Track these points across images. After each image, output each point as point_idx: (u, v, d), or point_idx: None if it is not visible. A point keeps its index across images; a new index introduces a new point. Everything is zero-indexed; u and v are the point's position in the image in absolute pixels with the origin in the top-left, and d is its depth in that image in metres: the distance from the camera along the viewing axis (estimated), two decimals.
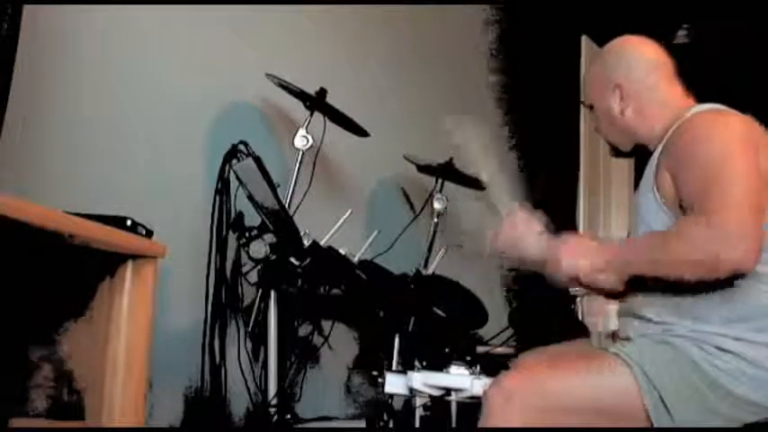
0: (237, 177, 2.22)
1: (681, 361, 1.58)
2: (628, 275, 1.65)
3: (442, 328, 2.61)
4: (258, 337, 2.43)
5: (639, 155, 1.85)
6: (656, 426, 1.55)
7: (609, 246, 1.70)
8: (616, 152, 1.93)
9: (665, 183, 1.66)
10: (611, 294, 2.00)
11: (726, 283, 1.57)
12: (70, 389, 1.66)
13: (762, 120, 1.70)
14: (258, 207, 2.19)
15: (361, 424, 2.55)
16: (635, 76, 1.81)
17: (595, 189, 4.99)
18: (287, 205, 2.37)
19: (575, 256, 1.67)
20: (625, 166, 5.17)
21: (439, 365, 1.90)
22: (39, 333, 1.65)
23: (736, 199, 1.50)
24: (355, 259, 2.42)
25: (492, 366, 1.86)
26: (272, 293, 2.31)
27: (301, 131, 2.42)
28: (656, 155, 1.72)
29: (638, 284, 1.69)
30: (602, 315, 2.22)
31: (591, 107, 1.90)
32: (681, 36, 4.32)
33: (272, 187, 2.17)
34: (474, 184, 3.07)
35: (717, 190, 1.52)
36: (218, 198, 2.35)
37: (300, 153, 2.43)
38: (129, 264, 1.68)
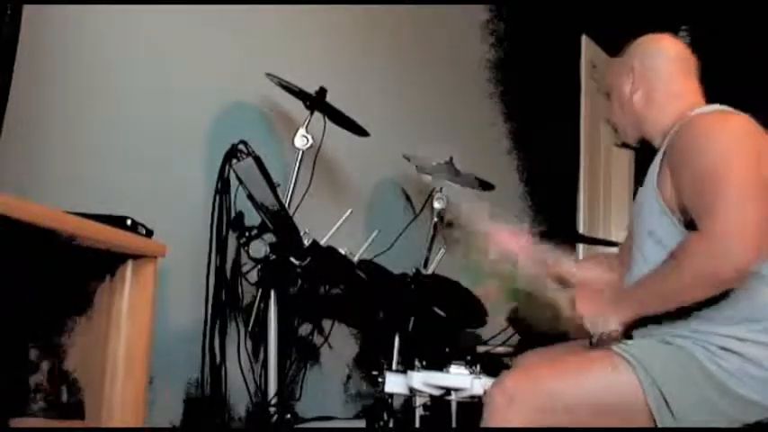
0: (237, 177, 2.22)
1: (684, 361, 1.58)
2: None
3: (441, 328, 2.61)
4: (258, 337, 2.43)
5: (641, 152, 1.86)
6: (657, 423, 1.56)
7: (624, 298, 1.69)
8: (622, 142, 1.94)
9: (666, 183, 1.67)
10: None
11: None
12: (70, 389, 1.66)
13: (762, 120, 1.70)
14: (258, 207, 2.19)
15: (361, 424, 2.55)
16: (651, 63, 1.82)
17: (595, 189, 4.99)
18: (287, 205, 2.37)
19: (597, 313, 1.68)
20: (625, 165, 5.17)
21: (439, 365, 1.90)
22: (39, 333, 1.65)
23: (733, 207, 1.51)
24: (355, 259, 2.42)
25: (492, 366, 1.86)
26: (272, 293, 2.31)
27: (301, 131, 2.42)
28: (659, 154, 1.73)
29: None
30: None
31: (608, 94, 1.92)
32: (681, 36, 4.33)
33: (272, 187, 2.17)
34: (474, 184, 3.07)
35: (712, 201, 1.53)
36: (218, 198, 2.35)
37: (300, 153, 2.43)
38: (129, 264, 1.68)
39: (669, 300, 1.60)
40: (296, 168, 2.44)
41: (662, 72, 1.81)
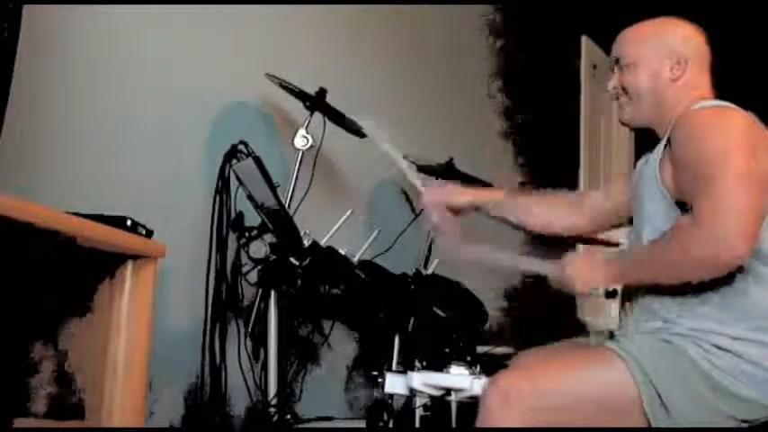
0: (237, 177, 2.22)
1: (679, 359, 1.59)
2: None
3: (441, 328, 2.61)
4: (258, 337, 2.43)
5: (642, 152, 1.85)
6: (651, 420, 1.56)
7: (614, 262, 1.71)
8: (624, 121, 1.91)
9: (667, 172, 1.68)
10: (610, 294, 2.01)
11: (726, 282, 1.58)
12: (70, 389, 1.66)
13: (762, 120, 1.70)
14: (258, 207, 2.19)
15: (361, 424, 2.54)
16: (687, 52, 1.78)
17: (595, 189, 4.98)
18: (287, 205, 2.37)
19: (588, 276, 1.69)
20: (625, 165, 5.17)
21: (439, 365, 1.90)
22: (39, 333, 1.65)
23: (729, 193, 1.51)
24: (355, 259, 2.42)
25: (492, 366, 1.86)
26: (272, 293, 2.31)
27: (301, 131, 2.42)
28: (661, 143, 1.73)
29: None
30: (601, 314, 2.23)
31: (618, 63, 1.84)
32: None
33: (272, 187, 2.17)
34: (474, 184, 3.07)
35: (708, 189, 1.53)
36: (218, 198, 2.35)
37: (300, 153, 2.43)
38: (129, 264, 1.68)
39: (660, 277, 1.62)
40: (296, 169, 2.44)
41: (693, 63, 1.78)
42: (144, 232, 1.68)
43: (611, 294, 1.91)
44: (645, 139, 1.86)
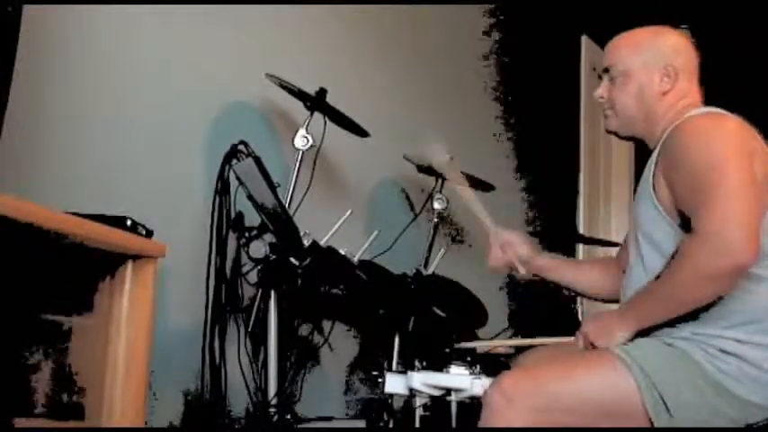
0: (237, 177, 2.22)
1: (683, 362, 1.59)
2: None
3: (441, 328, 2.61)
4: (258, 337, 2.43)
5: (642, 152, 1.85)
6: (655, 424, 1.56)
7: (629, 309, 1.68)
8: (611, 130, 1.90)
9: (661, 186, 1.67)
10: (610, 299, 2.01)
11: None
12: (71, 389, 1.66)
13: (761, 120, 1.70)
14: (258, 207, 2.19)
15: (361, 424, 2.54)
16: (680, 63, 1.78)
17: (595, 189, 4.99)
18: (287, 205, 2.37)
19: (600, 326, 1.68)
20: (625, 165, 5.17)
21: (439, 365, 1.90)
22: (39, 333, 1.65)
23: (729, 203, 1.51)
24: (355, 259, 2.42)
25: (492, 366, 1.86)
26: (272, 293, 2.31)
27: (301, 131, 2.42)
28: (653, 157, 1.73)
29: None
30: None
31: (607, 74, 1.85)
32: None
33: (272, 187, 2.17)
34: (474, 184, 3.07)
35: (709, 199, 1.53)
36: (218, 198, 2.35)
37: (300, 153, 2.43)
38: (129, 264, 1.68)
39: (674, 304, 1.59)
40: (296, 169, 2.44)
41: (683, 73, 1.79)
42: (144, 232, 1.68)
43: None
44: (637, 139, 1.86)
